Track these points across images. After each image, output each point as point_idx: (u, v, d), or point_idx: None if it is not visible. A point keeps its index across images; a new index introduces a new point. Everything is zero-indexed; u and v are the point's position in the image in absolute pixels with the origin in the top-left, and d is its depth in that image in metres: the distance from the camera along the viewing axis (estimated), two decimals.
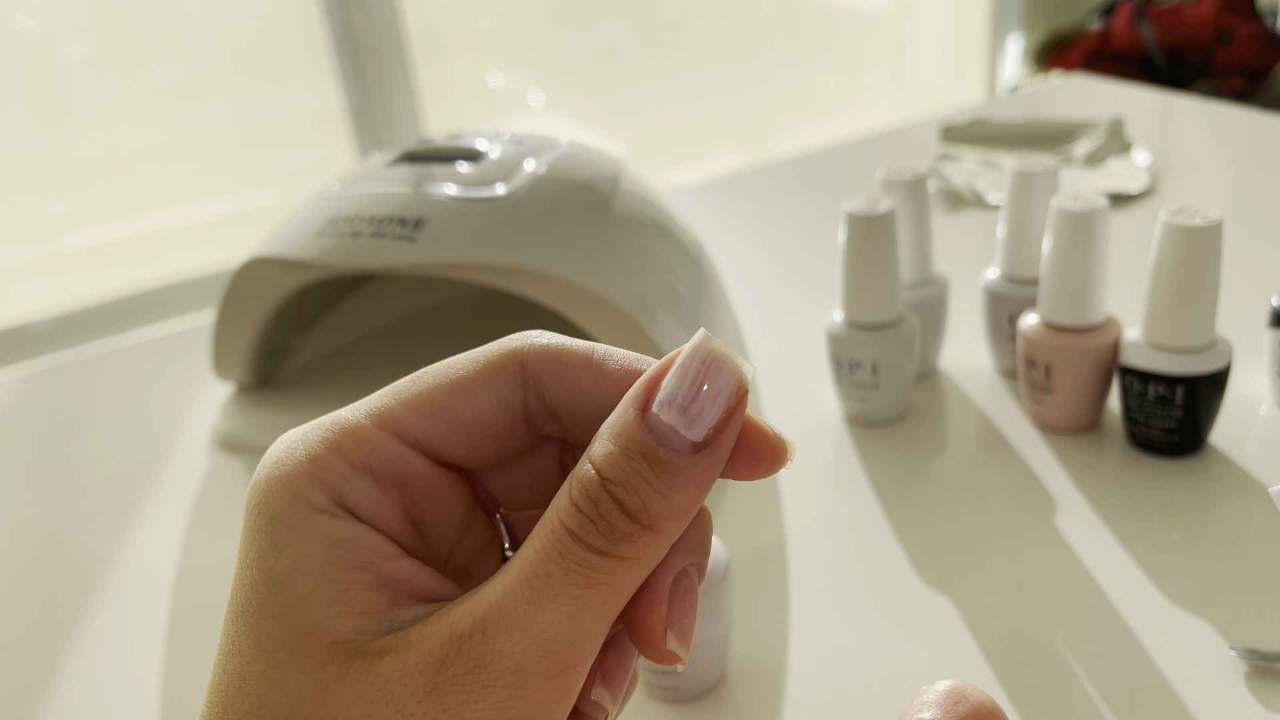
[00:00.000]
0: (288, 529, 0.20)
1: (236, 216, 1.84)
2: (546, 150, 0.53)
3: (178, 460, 0.56)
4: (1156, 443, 0.47)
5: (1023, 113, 1.01)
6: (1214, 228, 0.43)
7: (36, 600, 0.46)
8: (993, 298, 0.54)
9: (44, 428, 0.62)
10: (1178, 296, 0.44)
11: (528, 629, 0.19)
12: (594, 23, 2.14)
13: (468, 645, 0.19)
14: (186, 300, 1.69)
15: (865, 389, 0.51)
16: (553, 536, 0.19)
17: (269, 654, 0.19)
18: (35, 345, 1.66)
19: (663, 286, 0.49)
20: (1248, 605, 0.39)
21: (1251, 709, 0.34)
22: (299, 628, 0.19)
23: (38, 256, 1.74)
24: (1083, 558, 0.42)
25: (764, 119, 2.39)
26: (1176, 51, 1.99)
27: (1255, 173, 0.82)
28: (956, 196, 0.81)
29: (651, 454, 0.19)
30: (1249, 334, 0.55)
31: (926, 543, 0.44)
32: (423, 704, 0.18)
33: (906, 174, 0.53)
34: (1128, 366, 0.46)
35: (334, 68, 1.79)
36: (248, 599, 0.20)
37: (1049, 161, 0.52)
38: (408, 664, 0.19)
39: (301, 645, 0.19)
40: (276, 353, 0.58)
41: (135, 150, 1.74)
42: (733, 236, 0.79)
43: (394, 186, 0.51)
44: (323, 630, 0.19)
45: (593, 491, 0.19)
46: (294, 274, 0.50)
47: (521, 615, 0.19)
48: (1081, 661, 0.37)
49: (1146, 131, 0.92)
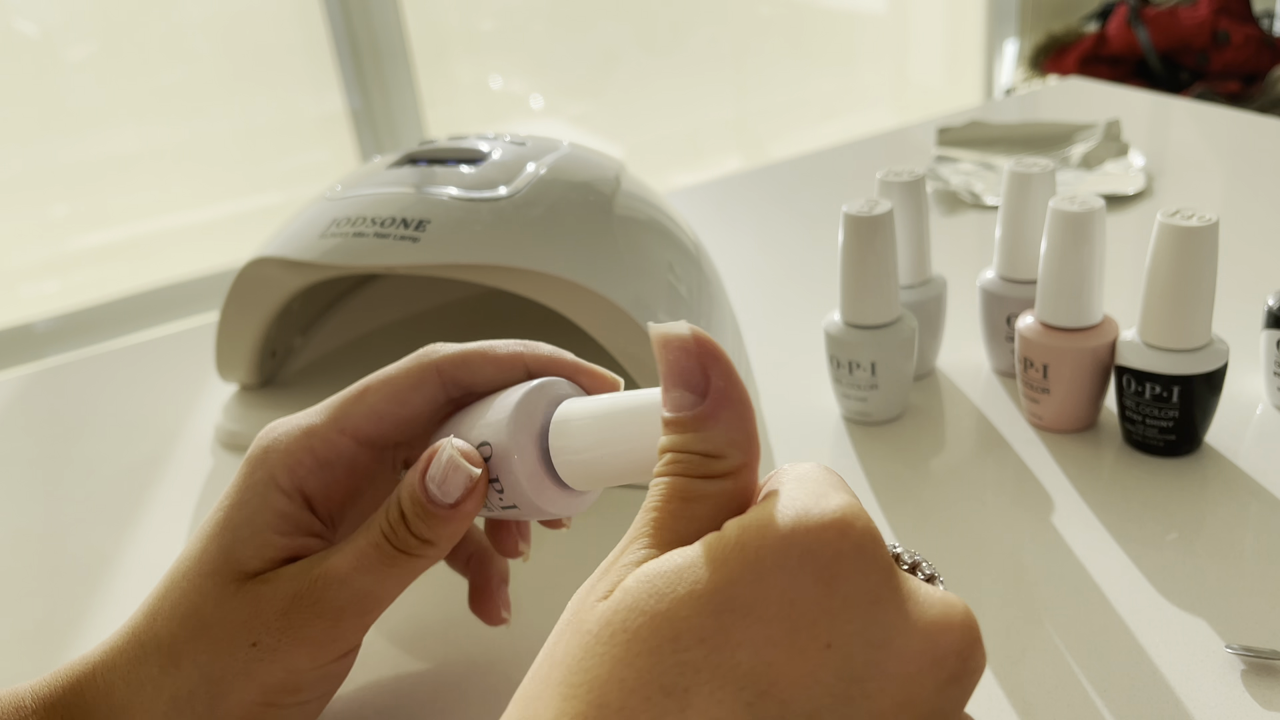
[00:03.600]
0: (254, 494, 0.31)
1: (239, 218, 1.85)
2: (548, 152, 0.53)
3: (181, 459, 0.56)
4: (1153, 442, 0.47)
5: (1019, 115, 1.01)
6: (1210, 229, 0.43)
7: (40, 599, 0.47)
8: (990, 298, 0.55)
9: (47, 427, 0.62)
10: (1174, 297, 0.45)
11: (351, 586, 0.29)
12: (594, 26, 2.14)
13: (312, 589, 0.29)
14: (189, 301, 1.70)
15: (864, 389, 0.51)
16: (374, 536, 0.30)
17: (200, 565, 0.30)
18: (39, 346, 1.66)
19: (663, 287, 0.49)
20: (1244, 603, 0.39)
21: (1247, 706, 0.35)
22: (225, 555, 0.30)
23: (41, 257, 1.74)
24: (1079, 556, 0.42)
25: (762, 121, 2.39)
26: (1172, 55, 1.99)
27: (1251, 175, 0.83)
28: (954, 198, 0.82)
29: (423, 506, 0.30)
30: (1245, 334, 0.55)
31: (924, 541, 0.44)
32: (278, 620, 0.29)
33: (904, 175, 0.53)
34: (1124, 366, 0.47)
35: (336, 70, 1.79)
36: (208, 526, 0.31)
37: (1046, 163, 0.53)
38: (275, 593, 0.29)
39: (221, 567, 0.30)
40: (279, 352, 0.59)
41: (138, 152, 1.74)
42: (732, 238, 0.80)
43: (396, 188, 0.51)
44: (239, 562, 0.30)
45: (395, 521, 0.30)
46: (297, 274, 0.51)
47: (348, 578, 0.29)
48: (1078, 659, 0.37)
49: (1142, 134, 0.92)
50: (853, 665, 0.19)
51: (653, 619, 0.20)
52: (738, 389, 0.23)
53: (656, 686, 0.19)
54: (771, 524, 0.20)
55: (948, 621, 0.20)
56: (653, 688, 0.19)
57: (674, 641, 0.19)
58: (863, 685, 0.19)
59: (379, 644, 0.40)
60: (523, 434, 0.29)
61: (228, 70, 1.76)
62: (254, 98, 1.79)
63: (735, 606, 0.19)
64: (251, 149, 1.82)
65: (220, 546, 0.30)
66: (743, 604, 0.19)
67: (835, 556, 0.20)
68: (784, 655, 0.19)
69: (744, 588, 0.20)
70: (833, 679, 0.19)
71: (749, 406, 0.23)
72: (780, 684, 0.19)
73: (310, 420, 0.32)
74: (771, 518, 0.21)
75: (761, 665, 0.19)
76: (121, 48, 1.68)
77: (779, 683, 0.19)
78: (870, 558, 0.20)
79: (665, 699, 0.19)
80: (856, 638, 0.19)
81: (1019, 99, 1.14)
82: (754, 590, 0.19)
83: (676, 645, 0.19)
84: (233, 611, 0.29)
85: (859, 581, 0.20)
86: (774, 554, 0.20)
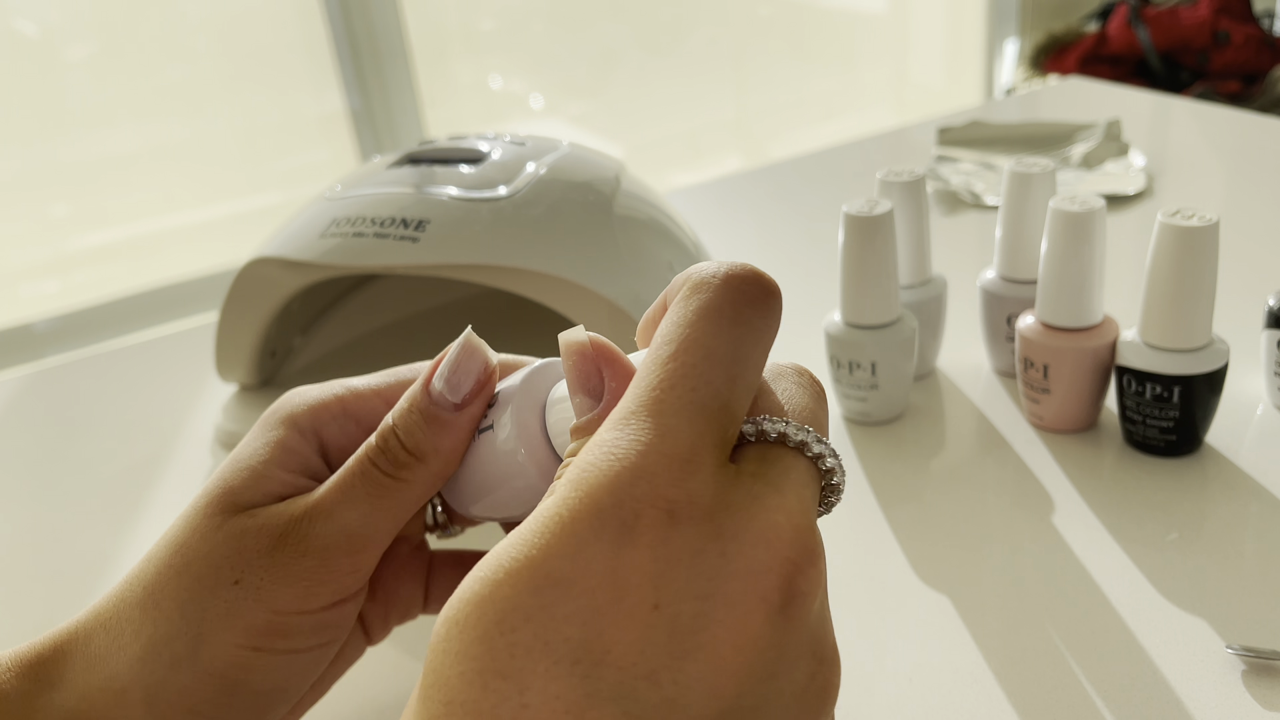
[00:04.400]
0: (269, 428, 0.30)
1: (239, 218, 1.85)
2: (548, 152, 0.53)
3: (180, 459, 0.56)
4: (1153, 442, 0.47)
5: (1019, 115, 1.01)
6: (1211, 228, 0.43)
7: (39, 599, 0.47)
8: (990, 298, 0.55)
9: (47, 427, 0.62)
10: (1175, 297, 0.44)
11: (336, 520, 0.28)
12: (594, 26, 2.14)
13: (298, 525, 0.28)
14: (189, 301, 1.70)
15: (864, 389, 0.51)
16: (359, 462, 0.28)
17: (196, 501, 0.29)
18: (38, 346, 1.66)
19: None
20: (1244, 603, 0.39)
21: (1248, 706, 0.35)
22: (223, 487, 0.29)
23: (41, 257, 1.74)
24: (1080, 556, 0.42)
25: (762, 121, 2.39)
26: (1172, 54, 1.99)
27: (1251, 174, 0.83)
28: (954, 198, 0.82)
29: (427, 410, 0.28)
30: (1246, 334, 0.55)
31: (924, 541, 0.44)
32: (263, 558, 0.28)
33: (904, 175, 0.53)
34: (1125, 366, 0.47)
35: (336, 70, 1.79)
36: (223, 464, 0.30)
37: (1046, 163, 0.53)
38: (262, 529, 0.28)
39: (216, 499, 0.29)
40: (279, 353, 0.59)
41: (138, 152, 1.74)
42: (732, 238, 0.80)
43: (396, 188, 0.51)
44: (233, 493, 0.29)
45: (385, 433, 0.28)
46: (297, 274, 0.51)
47: (333, 511, 0.28)
48: (1078, 659, 0.37)
49: (1143, 134, 0.92)
50: (682, 621, 0.19)
51: (478, 606, 0.19)
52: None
53: (493, 673, 0.19)
54: (586, 493, 0.20)
55: (765, 554, 0.20)
56: (489, 674, 0.19)
57: (499, 625, 0.19)
58: (696, 638, 0.19)
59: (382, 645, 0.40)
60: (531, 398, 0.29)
61: (227, 70, 1.76)
62: (254, 97, 1.79)
63: (556, 581, 0.19)
64: (251, 149, 1.82)
65: (220, 477, 0.29)
66: (563, 577, 0.19)
67: (651, 520, 0.20)
68: (612, 623, 0.19)
69: (562, 561, 0.19)
70: (665, 638, 0.19)
71: None
72: (614, 651, 0.19)
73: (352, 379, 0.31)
74: (587, 486, 0.20)
75: (592, 636, 0.19)
76: (121, 47, 1.68)
77: (612, 650, 0.19)
78: (685, 515, 0.20)
79: (503, 683, 0.19)
80: (682, 593, 0.19)
81: (1019, 99, 1.14)
82: (573, 563, 0.19)
83: (503, 628, 0.19)
84: (217, 546, 0.28)
85: (677, 538, 0.20)
86: (589, 523, 0.20)
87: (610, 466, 0.20)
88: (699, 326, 0.22)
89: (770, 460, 0.22)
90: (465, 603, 0.20)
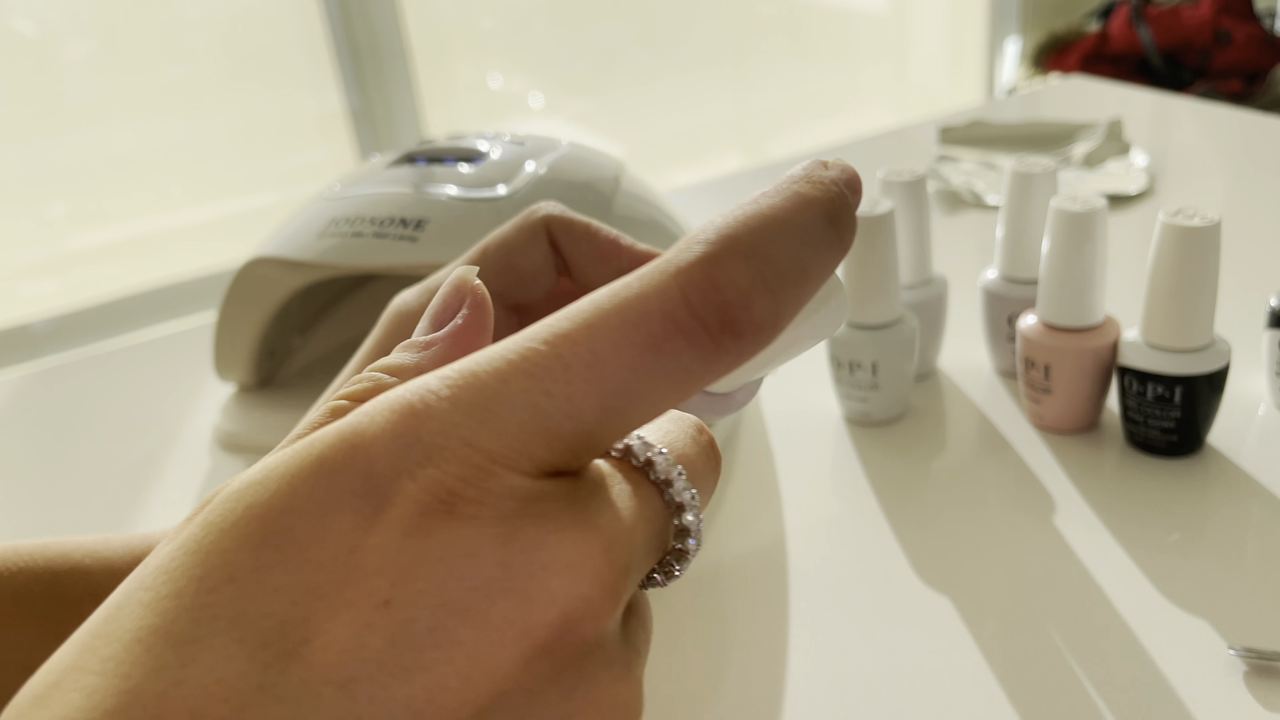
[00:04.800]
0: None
1: (238, 217, 1.84)
2: (547, 151, 0.53)
3: (179, 460, 0.56)
4: (1155, 443, 0.47)
5: (1021, 114, 1.01)
6: (1212, 228, 0.43)
7: None
8: (992, 298, 0.54)
9: (45, 427, 0.62)
10: (1176, 297, 0.44)
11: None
12: (594, 25, 2.14)
13: None
14: (188, 301, 1.70)
15: (865, 389, 0.51)
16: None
17: None
18: (36, 345, 1.66)
19: None
20: (1246, 604, 0.39)
21: (1250, 708, 0.35)
22: None
23: (39, 257, 1.74)
24: (1081, 557, 0.42)
25: (762, 121, 2.39)
26: (1174, 53, 1.99)
27: (1253, 174, 0.83)
28: (955, 197, 0.81)
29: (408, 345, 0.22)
30: (1247, 334, 0.55)
31: (926, 542, 0.44)
32: None
33: (905, 175, 0.53)
34: (1126, 367, 0.47)
35: (335, 69, 1.79)
36: None
37: (1047, 162, 0.52)
38: None
39: None
40: (278, 353, 0.59)
41: (136, 151, 1.74)
42: None
43: (395, 187, 0.51)
44: None
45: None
46: (295, 274, 0.51)
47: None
48: (1080, 660, 0.37)
49: (1144, 133, 0.92)
50: (413, 630, 0.15)
51: (193, 554, 0.16)
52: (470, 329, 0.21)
53: (163, 634, 0.15)
54: (362, 446, 0.16)
55: (558, 581, 0.16)
56: (158, 635, 0.15)
57: (201, 580, 0.16)
58: (421, 655, 0.15)
59: None
60: None
61: (226, 69, 1.76)
62: (253, 97, 1.79)
63: (283, 542, 0.16)
64: (250, 148, 1.82)
65: None
66: (293, 540, 0.16)
67: (422, 506, 0.16)
68: (326, 609, 0.15)
69: (300, 519, 0.16)
70: (383, 644, 0.15)
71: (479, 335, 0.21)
72: (314, 644, 0.15)
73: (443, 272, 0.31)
74: (370, 436, 0.16)
75: (297, 619, 0.15)
76: (120, 47, 1.68)
77: (313, 641, 0.15)
78: (469, 515, 0.16)
79: (167, 650, 0.15)
80: (426, 597, 0.15)
81: (1021, 98, 1.13)
82: (310, 525, 0.16)
83: (202, 585, 0.16)
84: None
85: (446, 533, 0.16)
86: (350, 483, 0.16)
87: (405, 425, 0.16)
88: (606, 324, 0.17)
89: (619, 481, 0.18)
90: (181, 548, 0.16)
